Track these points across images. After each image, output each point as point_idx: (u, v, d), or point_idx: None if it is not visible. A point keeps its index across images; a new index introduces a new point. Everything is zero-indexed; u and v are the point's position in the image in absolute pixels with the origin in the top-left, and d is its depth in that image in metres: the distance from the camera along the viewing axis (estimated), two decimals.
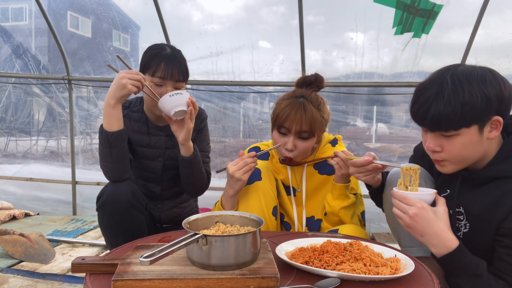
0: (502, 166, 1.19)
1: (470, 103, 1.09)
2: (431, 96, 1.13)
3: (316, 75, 1.67)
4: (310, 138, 1.59)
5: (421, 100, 1.16)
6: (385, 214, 1.56)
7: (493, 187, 1.20)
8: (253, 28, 3.52)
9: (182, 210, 1.98)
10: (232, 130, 3.96)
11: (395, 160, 3.82)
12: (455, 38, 3.11)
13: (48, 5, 3.68)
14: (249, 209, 1.53)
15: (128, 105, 1.87)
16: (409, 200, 1.15)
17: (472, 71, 1.12)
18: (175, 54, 1.72)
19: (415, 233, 1.16)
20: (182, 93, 1.58)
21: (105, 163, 1.63)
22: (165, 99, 1.56)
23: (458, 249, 1.11)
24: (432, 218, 1.12)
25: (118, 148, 1.60)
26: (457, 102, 1.09)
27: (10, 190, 3.89)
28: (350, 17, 3.15)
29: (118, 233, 1.64)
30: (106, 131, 1.57)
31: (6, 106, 4.32)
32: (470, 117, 1.11)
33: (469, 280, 1.11)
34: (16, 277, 2.13)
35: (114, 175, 1.64)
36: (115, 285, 0.93)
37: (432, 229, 1.12)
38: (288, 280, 1.00)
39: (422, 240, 1.16)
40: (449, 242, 1.12)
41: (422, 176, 1.40)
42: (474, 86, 1.09)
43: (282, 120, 1.56)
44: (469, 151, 1.17)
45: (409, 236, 1.43)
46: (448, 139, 1.16)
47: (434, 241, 1.13)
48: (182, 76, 1.71)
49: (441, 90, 1.12)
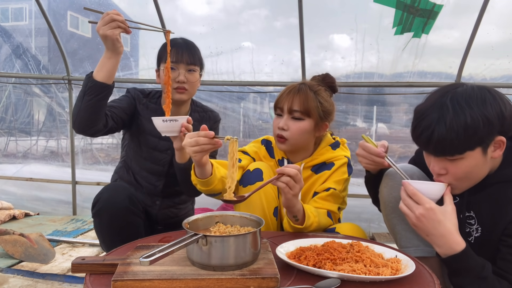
0: (509, 170, 1.20)
1: (472, 127, 1.08)
2: (433, 121, 1.11)
3: (325, 74, 1.69)
4: (304, 120, 1.57)
5: (422, 125, 1.14)
6: (382, 214, 1.56)
7: (500, 189, 1.20)
8: (253, 28, 3.52)
9: (179, 211, 1.98)
10: (232, 130, 3.96)
11: (395, 160, 3.82)
12: (455, 38, 3.11)
13: (48, 5, 3.68)
14: (250, 209, 1.53)
15: (148, 94, 1.90)
16: (419, 198, 1.14)
17: (471, 94, 1.11)
18: (186, 42, 1.81)
19: (420, 231, 1.16)
20: (178, 119, 1.49)
21: (76, 109, 1.54)
22: (158, 123, 1.49)
23: (464, 251, 1.11)
24: (440, 220, 1.12)
25: (91, 97, 1.50)
26: (459, 127, 1.08)
27: (10, 190, 3.88)
28: (350, 17, 3.15)
29: (116, 239, 1.63)
30: (89, 76, 1.50)
31: (6, 106, 4.32)
32: (474, 141, 1.10)
33: (473, 282, 1.10)
34: (16, 277, 2.13)
35: (78, 123, 1.55)
36: (115, 285, 0.93)
37: (438, 231, 1.12)
38: (288, 280, 1.00)
39: (427, 239, 1.15)
40: (454, 245, 1.11)
41: (418, 177, 1.40)
42: (475, 109, 1.08)
43: (277, 100, 1.61)
44: (474, 173, 1.17)
45: (406, 237, 1.43)
46: (453, 162, 1.15)
47: (439, 242, 1.13)
48: (192, 59, 1.76)
49: (442, 115, 1.10)
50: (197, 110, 1.95)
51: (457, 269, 1.13)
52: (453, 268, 1.14)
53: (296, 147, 1.63)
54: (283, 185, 1.26)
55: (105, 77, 1.50)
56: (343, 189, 1.63)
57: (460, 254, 1.10)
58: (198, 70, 1.81)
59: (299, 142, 1.61)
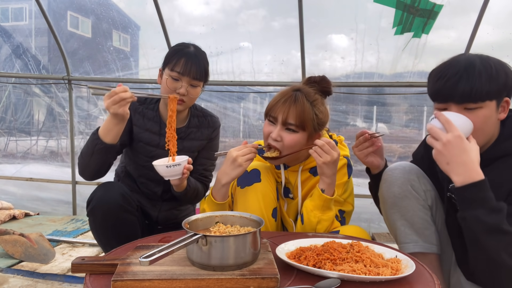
0: (505, 144, 1.26)
1: (496, 77, 1.19)
2: (460, 69, 1.20)
3: (322, 77, 1.61)
4: (299, 132, 1.49)
5: (449, 73, 1.21)
6: (382, 213, 1.57)
7: (499, 164, 1.25)
8: (252, 28, 3.52)
9: (180, 212, 1.98)
10: (232, 130, 3.96)
11: (395, 160, 3.82)
12: (455, 38, 3.11)
13: (48, 5, 3.68)
14: (248, 211, 1.50)
15: (144, 101, 1.86)
16: (451, 126, 1.16)
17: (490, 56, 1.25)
18: (197, 53, 1.73)
19: (442, 160, 1.16)
20: (180, 163, 1.53)
21: (82, 160, 1.63)
22: (162, 169, 1.52)
23: (483, 181, 1.12)
24: (465, 148, 1.14)
25: (100, 156, 1.58)
26: (486, 76, 1.18)
27: (10, 190, 3.89)
28: (349, 17, 3.14)
29: (111, 236, 1.64)
30: (97, 137, 1.55)
31: (6, 106, 4.32)
32: (495, 91, 1.20)
33: (489, 213, 1.10)
34: (16, 277, 2.13)
35: (88, 175, 1.67)
36: (114, 285, 0.93)
37: (461, 158, 1.13)
38: (288, 280, 1.00)
39: (447, 168, 1.16)
40: (474, 174, 1.12)
41: (416, 174, 1.43)
42: (497, 64, 1.21)
43: (270, 107, 1.52)
44: (487, 127, 1.24)
45: (405, 232, 1.44)
46: (471, 112, 1.21)
47: (459, 169, 1.13)
48: (199, 75, 1.70)
49: (471, 64, 1.20)
50: (197, 114, 1.90)
51: (473, 200, 1.12)
52: (468, 199, 1.13)
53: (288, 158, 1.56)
54: (313, 151, 1.43)
55: (113, 139, 1.55)
56: (343, 192, 1.61)
57: (480, 182, 1.11)
58: (201, 84, 1.77)
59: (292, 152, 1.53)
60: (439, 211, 1.47)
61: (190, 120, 1.87)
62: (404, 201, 1.42)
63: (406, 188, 1.42)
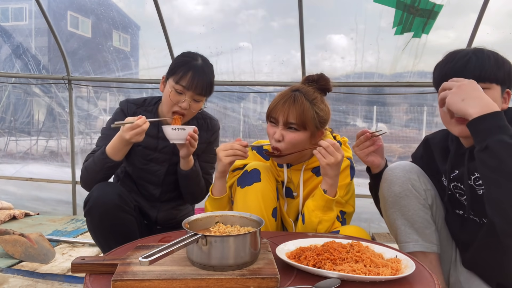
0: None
1: (502, 64, 1.25)
2: (469, 52, 1.25)
3: (320, 75, 1.61)
4: (300, 131, 1.51)
5: (458, 55, 1.26)
6: (381, 213, 1.57)
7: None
8: (254, 28, 3.52)
9: (179, 212, 1.98)
10: (232, 130, 3.96)
11: (395, 160, 3.82)
12: (455, 38, 3.11)
13: (48, 5, 3.68)
14: (248, 211, 1.50)
15: (143, 103, 1.84)
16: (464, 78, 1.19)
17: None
18: (204, 67, 1.71)
19: (457, 99, 1.14)
20: (185, 128, 1.61)
21: (87, 175, 1.69)
22: (167, 130, 1.62)
23: (501, 112, 1.10)
24: (479, 88, 1.15)
25: (109, 172, 1.69)
26: (494, 60, 1.24)
27: (10, 190, 3.89)
28: (350, 17, 3.14)
29: (109, 236, 1.64)
30: (106, 156, 1.62)
31: (6, 106, 4.32)
32: (501, 76, 1.24)
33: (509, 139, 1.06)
34: (16, 277, 2.13)
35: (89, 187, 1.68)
36: (114, 285, 0.93)
37: (475, 94, 1.13)
38: (288, 280, 1.00)
39: (461, 105, 1.13)
40: (491, 105, 1.11)
41: (417, 173, 1.43)
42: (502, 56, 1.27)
43: (271, 109, 1.54)
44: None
45: (405, 232, 1.44)
46: None
47: (475, 102, 1.12)
48: (204, 91, 1.69)
49: (479, 49, 1.26)
50: (196, 116, 1.88)
51: (494, 127, 1.08)
52: (489, 127, 1.09)
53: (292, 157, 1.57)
54: (317, 152, 1.45)
55: (122, 157, 1.66)
56: (345, 194, 1.61)
57: (499, 112, 1.10)
58: (204, 99, 1.75)
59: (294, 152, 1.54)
60: (439, 211, 1.47)
61: (189, 123, 1.86)
62: (404, 200, 1.42)
63: (407, 187, 1.42)
